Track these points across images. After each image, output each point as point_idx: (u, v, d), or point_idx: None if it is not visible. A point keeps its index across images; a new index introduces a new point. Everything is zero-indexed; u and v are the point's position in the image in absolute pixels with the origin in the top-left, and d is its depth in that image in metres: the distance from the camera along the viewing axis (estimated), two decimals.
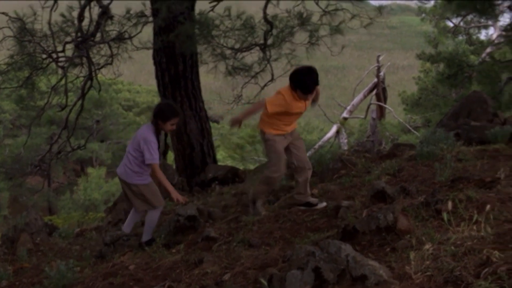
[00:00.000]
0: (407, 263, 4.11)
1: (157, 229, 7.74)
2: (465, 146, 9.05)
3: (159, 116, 7.22)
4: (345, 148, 18.50)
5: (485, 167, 7.21)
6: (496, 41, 24.00)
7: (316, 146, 19.70)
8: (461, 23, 26.74)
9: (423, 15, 33.41)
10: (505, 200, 5.01)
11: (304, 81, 6.79)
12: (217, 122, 45.95)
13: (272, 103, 6.93)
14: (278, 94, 6.97)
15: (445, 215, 4.66)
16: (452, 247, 4.14)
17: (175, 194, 7.09)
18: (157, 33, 11.79)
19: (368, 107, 26.50)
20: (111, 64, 12.47)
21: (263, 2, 11.85)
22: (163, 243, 7.06)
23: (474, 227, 4.44)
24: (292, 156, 7.30)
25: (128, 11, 11.67)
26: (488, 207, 4.68)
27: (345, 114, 25.05)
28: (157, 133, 7.26)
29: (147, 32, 12.21)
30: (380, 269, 3.98)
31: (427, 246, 4.22)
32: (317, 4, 11.73)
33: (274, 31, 11.58)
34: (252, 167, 18.32)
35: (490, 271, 3.62)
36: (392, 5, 78.59)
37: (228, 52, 11.70)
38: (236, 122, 7.25)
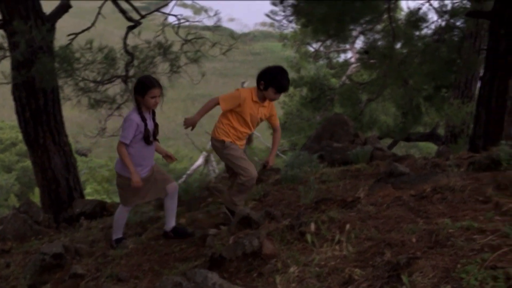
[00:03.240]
0: (273, 287, 4.16)
1: (22, 269, 7.48)
2: (328, 167, 9.30)
3: (136, 91, 6.72)
4: (214, 175, 18.61)
5: (348, 187, 7.43)
6: (354, 64, 24.92)
7: (186, 175, 19.72)
8: (321, 48, 27.51)
9: (285, 41, 34.20)
10: (365, 219, 5.16)
11: (279, 79, 6.58)
12: (85, 155, 45.09)
13: (224, 99, 6.70)
14: (234, 91, 6.79)
15: (309, 237, 4.76)
16: (317, 268, 4.23)
17: (134, 177, 6.70)
18: (15, 67, 11.47)
19: None
20: None
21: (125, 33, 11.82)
22: (28, 284, 6.82)
23: (337, 247, 4.55)
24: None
25: None
26: (349, 226, 4.82)
27: None
28: (141, 112, 6.72)
29: (7, 66, 11.86)
30: None
31: (292, 269, 4.29)
32: (176, 33, 11.80)
33: (136, 62, 11.54)
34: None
35: None
36: (255, 32, 79.93)
37: (90, 85, 11.53)
38: (191, 123, 6.81)
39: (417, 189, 5.96)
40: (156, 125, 7.03)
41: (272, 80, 6.57)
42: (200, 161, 23.43)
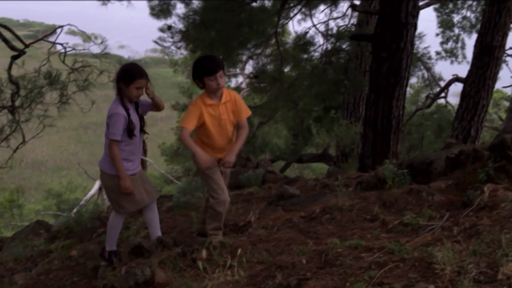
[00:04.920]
0: None
1: None
2: None
3: (121, 78, 5.98)
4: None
5: (240, 211, 7.48)
6: (245, 89, 25.14)
7: (79, 206, 19.33)
8: None
9: (176, 67, 34.22)
10: (256, 242, 5.21)
11: (203, 63, 5.96)
12: None
13: (187, 120, 5.89)
14: (189, 106, 6.10)
15: (200, 264, 4.75)
16: None
17: (124, 183, 6.06)
18: None
19: None
20: None
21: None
22: None
23: (229, 272, 4.56)
24: None
25: None
26: (240, 251, 4.85)
27: None
28: (124, 104, 6.03)
29: None
30: None
31: None
32: (63, 62, 11.63)
33: (23, 92, 11.27)
34: (9, 234, 17.44)
35: None
36: (146, 58, 79.68)
37: None
38: (210, 162, 5.88)
39: (306, 210, 6.06)
40: (141, 117, 6.37)
41: (198, 70, 6.03)
42: (94, 190, 23.03)
